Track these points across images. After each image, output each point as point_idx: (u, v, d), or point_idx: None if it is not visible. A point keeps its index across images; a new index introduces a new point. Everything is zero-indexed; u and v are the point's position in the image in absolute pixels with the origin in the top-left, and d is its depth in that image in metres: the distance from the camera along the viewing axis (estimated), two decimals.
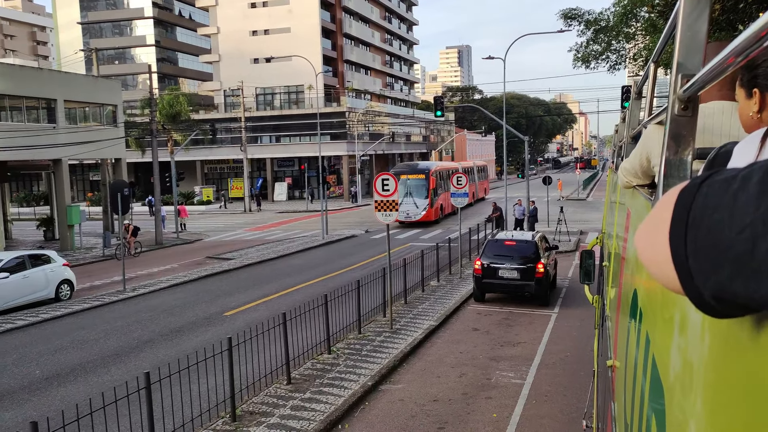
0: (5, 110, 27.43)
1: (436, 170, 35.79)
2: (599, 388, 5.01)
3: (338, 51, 69.66)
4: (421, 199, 33.40)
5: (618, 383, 2.48)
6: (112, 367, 11.23)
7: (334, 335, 12.35)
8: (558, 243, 26.66)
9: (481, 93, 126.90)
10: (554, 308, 15.94)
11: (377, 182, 13.17)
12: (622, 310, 2.50)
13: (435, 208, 34.51)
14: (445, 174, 37.23)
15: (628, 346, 2.02)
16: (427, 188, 33.66)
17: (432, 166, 36.31)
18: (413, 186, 33.24)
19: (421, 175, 34.35)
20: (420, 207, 33.15)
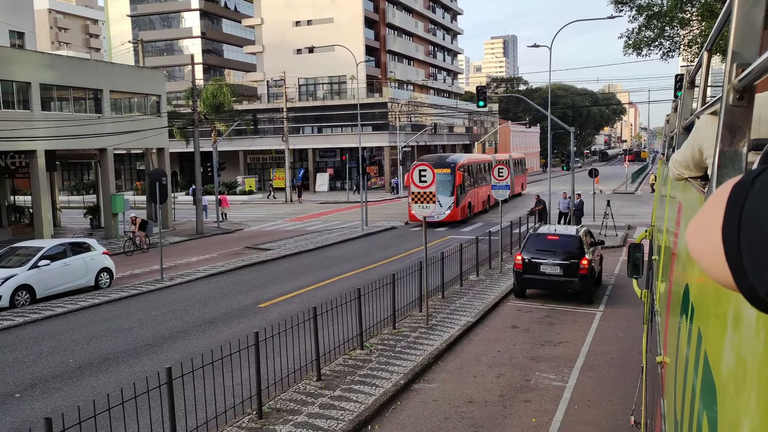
0: (53, 100, 27.93)
1: (464, 164, 32.15)
2: (648, 385, 5.02)
3: (381, 41, 69.21)
4: (445, 197, 29.61)
5: (668, 380, 2.47)
6: (143, 357, 11.14)
7: (368, 330, 12.01)
8: (604, 238, 25.80)
9: (526, 84, 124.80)
10: (599, 306, 15.26)
11: (414, 173, 12.74)
12: (673, 306, 2.51)
13: (462, 207, 31.15)
14: (475, 168, 34.71)
15: (679, 342, 2.01)
16: (453, 184, 30.13)
17: (459, 159, 32.41)
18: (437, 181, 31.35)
19: (445, 169, 30.28)
20: (444, 205, 29.41)
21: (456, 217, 30.48)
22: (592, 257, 15.57)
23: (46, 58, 27.81)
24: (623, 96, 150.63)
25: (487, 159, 39.16)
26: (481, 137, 79.36)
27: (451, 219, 29.97)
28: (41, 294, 15.54)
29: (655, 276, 4.94)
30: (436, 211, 27.28)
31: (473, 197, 33.46)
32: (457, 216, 30.52)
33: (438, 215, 28.88)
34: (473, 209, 33.58)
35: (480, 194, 34.95)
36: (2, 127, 23.91)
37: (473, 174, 33.75)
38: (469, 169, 33.26)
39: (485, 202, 36.13)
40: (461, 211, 30.88)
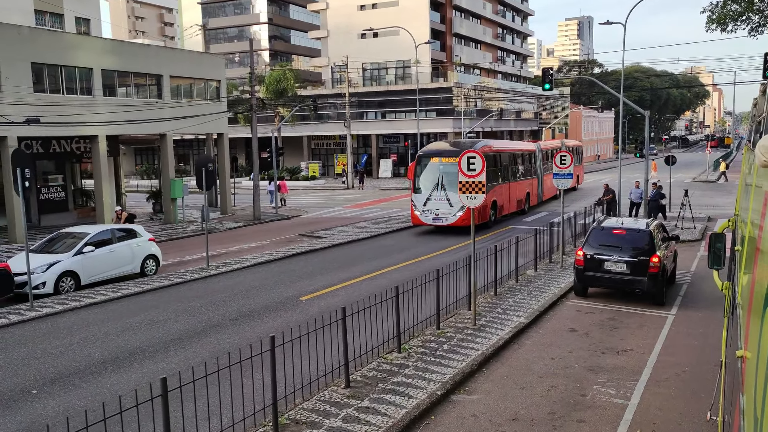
0: (114, 86, 28.18)
1: (488, 153, 25.07)
2: (727, 380, 4.85)
3: (447, 24, 67.51)
4: (455, 195, 22.80)
5: (748, 375, 2.43)
6: (171, 353, 10.61)
7: (408, 330, 11.08)
8: (680, 229, 23.90)
9: (601, 66, 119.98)
10: (671, 309, 13.77)
11: (462, 160, 11.64)
12: (756, 299, 2.49)
13: (482, 207, 23.88)
14: (506, 159, 28.34)
15: (762, 336, 2.01)
16: None
17: (480, 145, 26.17)
18: (448, 174, 23.47)
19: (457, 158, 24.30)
20: (456, 205, 23.24)
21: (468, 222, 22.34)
22: (664, 254, 14.07)
23: (107, 44, 28.05)
24: (706, 78, 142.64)
25: (525, 148, 32.56)
26: (551, 122, 76.58)
27: (464, 223, 23.00)
28: (86, 281, 15.41)
29: (738, 268, 4.75)
30: (444, 213, 23.63)
31: (502, 195, 26.95)
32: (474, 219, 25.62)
33: (447, 218, 23.56)
34: (501, 210, 27.01)
35: (512, 192, 28.54)
36: (65, 112, 24.22)
37: (502, 166, 27.41)
38: (496, 159, 26.72)
39: (522, 202, 29.90)
40: (481, 213, 24.27)
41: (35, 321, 12.49)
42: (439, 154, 24.72)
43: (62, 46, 25.40)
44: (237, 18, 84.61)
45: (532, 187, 31.86)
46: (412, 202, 24.64)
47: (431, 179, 24.15)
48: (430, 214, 23.96)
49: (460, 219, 23.48)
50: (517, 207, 29.32)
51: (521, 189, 29.88)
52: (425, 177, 24.29)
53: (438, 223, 24.02)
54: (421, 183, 24.38)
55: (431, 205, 23.90)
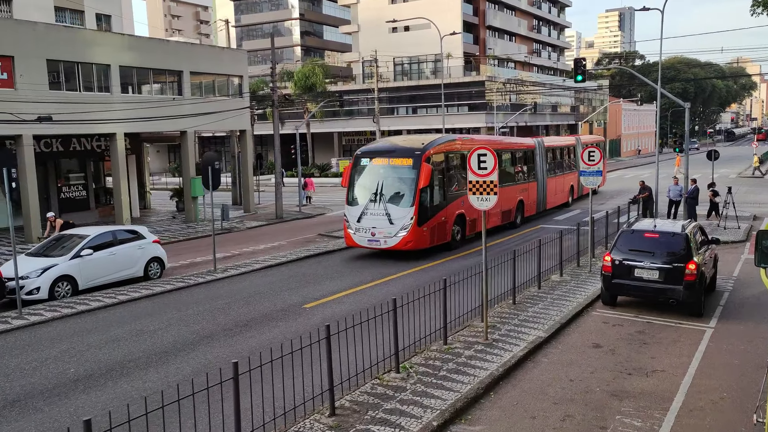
0: (132, 83, 27.74)
1: (442, 152, 19.46)
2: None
3: (480, 16, 65.86)
4: (400, 208, 17.99)
5: None
6: (151, 369, 9.78)
7: (411, 346, 10.05)
8: (723, 229, 22.29)
9: (642, 58, 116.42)
10: (710, 321, 12.40)
11: (472, 158, 10.53)
12: None
13: (433, 226, 18.53)
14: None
15: None
16: (414, 186, 17.97)
17: (438, 141, 19.55)
18: (391, 180, 18.50)
19: (405, 159, 18.44)
20: (398, 222, 17.87)
21: (420, 242, 18.15)
22: (702, 260, 12.71)
23: (125, 40, 27.60)
24: (753, 68, 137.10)
25: (517, 145, 26.53)
26: (588, 116, 74.30)
27: (408, 246, 17.96)
28: (84, 285, 14.77)
29: None
30: (382, 232, 18.05)
31: (470, 209, 19.49)
32: (421, 241, 18.17)
33: (385, 239, 18.02)
34: (470, 228, 20.67)
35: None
36: (82, 110, 23.81)
37: (461, 171, 20.30)
38: (452, 161, 20.23)
39: (510, 213, 23.83)
40: (431, 234, 18.48)
41: (18, 331, 11.85)
42: (382, 153, 19.09)
43: (79, 43, 25.00)
44: (268, 14, 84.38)
45: (527, 194, 25.47)
46: (344, 218, 19.10)
47: (369, 187, 18.62)
48: (364, 234, 18.26)
49: (403, 241, 17.76)
50: (503, 220, 23.30)
51: (509, 196, 23.59)
52: (362, 184, 18.88)
53: (374, 246, 18.33)
54: (356, 192, 18.93)
55: (366, 222, 18.21)
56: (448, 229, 19.51)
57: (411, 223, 17.83)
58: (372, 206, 18.33)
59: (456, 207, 19.90)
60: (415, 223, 17.83)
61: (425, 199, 18.19)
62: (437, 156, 19.10)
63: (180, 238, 24.93)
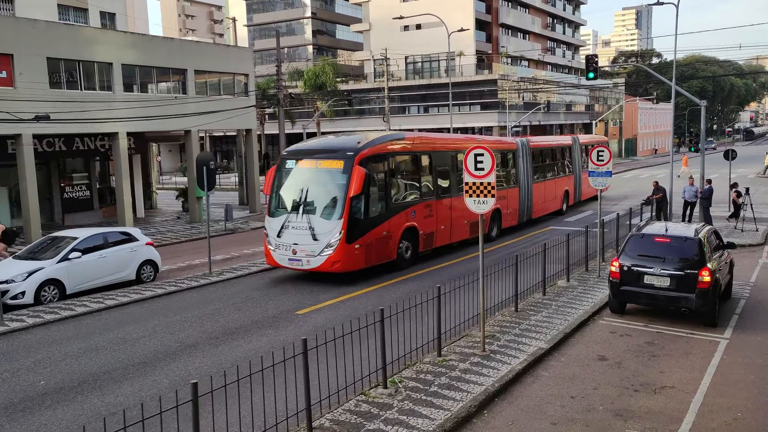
0: (135, 81, 27.38)
1: (389, 150, 16.43)
2: None
3: (493, 14, 65.03)
4: (325, 221, 15.01)
5: None
6: (126, 382, 9.25)
7: (401, 359, 9.43)
8: (741, 231, 21.45)
9: (659, 56, 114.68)
10: (724, 331, 11.67)
11: (468, 158, 9.90)
12: None
13: (370, 242, 15.45)
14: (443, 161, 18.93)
15: None
16: (344, 195, 14.93)
17: (381, 140, 16.45)
18: (315, 187, 15.58)
19: (335, 162, 15.43)
20: (322, 238, 14.87)
21: (350, 262, 15.03)
22: (716, 266, 11.98)
23: (128, 38, 27.23)
24: None
25: (493, 144, 22.44)
26: (603, 115, 73.15)
27: (338, 267, 14.92)
28: (72, 289, 14.32)
29: None
30: (305, 248, 14.96)
31: (424, 222, 17.44)
32: (352, 261, 15.05)
33: (308, 258, 14.96)
34: (423, 244, 17.63)
35: (443, 215, 18.46)
36: (83, 109, 23.47)
37: (412, 176, 17.64)
38: (400, 163, 17.21)
39: (466, 228, 19.59)
40: (366, 252, 15.32)
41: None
42: (310, 154, 16.16)
43: (80, 41, 24.65)
44: (280, 13, 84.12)
45: (505, 202, 22.05)
46: (264, 232, 16.11)
47: (292, 195, 15.70)
48: (285, 251, 15.23)
49: (329, 261, 14.69)
50: (472, 232, 19.65)
51: (458, 214, 19.19)
52: (285, 191, 15.97)
53: (295, 266, 15.30)
54: (278, 200, 15.98)
55: (287, 237, 15.20)
56: (392, 245, 16.16)
57: (338, 240, 14.65)
58: (294, 218, 15.26)
59: (404, 219, 16.62)
60: (343, 240, 14.66)
61: (358, 210, 14.94)
62: (378, 157, 15.81)
63: (182, 239, 24.52)
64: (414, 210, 17.12)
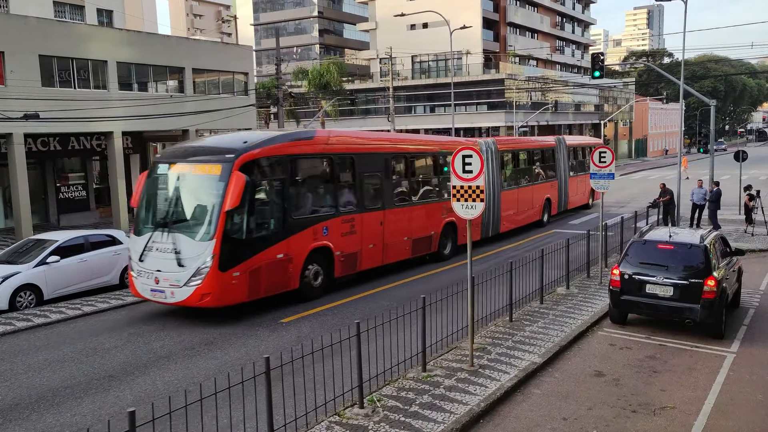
0: (131, 80, 26.91)
1: (285, 153, 13.20)
2: None
3: (501, 12, 64.27)
4: (193, 241, 11.90)
5: None
6: (87, 399, 8.67)
7: (381, 375, 8.81)
8: (751, 236, 20.69)
9: (671, 56, 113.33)
10: (731, 344, 10.97)
11: (455, 160, 9.27)
12: None
13: (258, 268, 12.35)
14: (366, 166, 15.45)
15: None
16: (220, 207, 11.77)
17: (276, 140, 13.19)
18: (186, 198, 12.75)
19: (211, 166, 12.40)
20: (189, 264, 11.80)
21: (226, 294, 11.94)
22: (723, 274, 11.29)
23: (123, 35, 26.79)
24: None
25: (435, 145, 19.22)
26: (612, 115, 72.17)
27: (208, 302, 11.82)
28: (50, 295, 13.80)
29: None
30: (170, 276, 11.89)
31: (341, 241, 14.41)
32: (228, 293, 11.96)
33: (173, 288, 11.90)
34: (341, 268, 14.58)
35: (372, 232, 15.48)
36: (77, 107, 23.01)
37: (325, 184, 14.62)
38: (303, 169, 13.94)
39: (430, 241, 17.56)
40: (252, 281, 12.27)
41: None
42: (186, 157, 13.01)
43: (73, 38, 24.22)
44: (287, 12, 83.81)
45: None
46: (129, 267, 13.07)
47: (159, 208, 12.78)
48: (147, 279, 12.17)
49: (197, 293, 11.62)
50: (414, 251, 17.02)
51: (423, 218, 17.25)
52: (153, 203, 12.93)
53: (159, 299, 12.20)
54: (144, 216, 12.86)
55: (150, 262, 12.19)
56: (293, 271, 13.11)
57: (209, 266, 11.52)
58: (159, 238, 12.17)
59: (311, 237, 13.52)
60: (215, 266, 11.53)
61: (237, 228, 11.87)
62: (272, 161, 12.75)
63: None
64: (326, 226, 13.98)
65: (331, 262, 14.24)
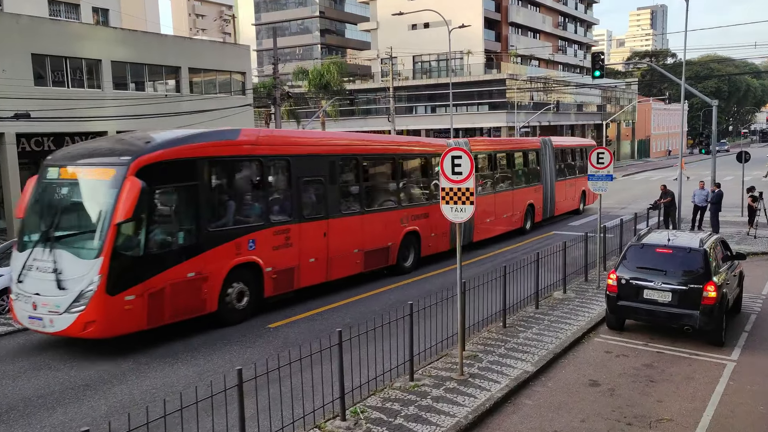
0: (126, 79, 26.62)
1: (196, 155, 11.32)
2: None
3: (503, 12, 63.91)
4: (77, 260, 10.07)
5: None
6: (58, 410, 8.35)
7: (368, 384, 8.48)
8: (753, 238, 20.31)
9: (674, 56, 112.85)
10: (732, 351, 10.61)
11: (444, 161, 8.93)
12: None
13: (161, 289, 10.61)
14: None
15: None
16: (110, 218, 10.00)
17: (181, 141, 11.34)
18: (72, 208, 11.01)
19: (102, 171, 10.55)
20: (72, 286, 9.97)
21: (117, 323, 10.17)
22: (723, 279, 10.93)
23: (118, 34, 26.53)
24: None
25: (382, 144, 17.45)
26: (615, 115, 71.72)
27: (93, 331, 10.00)
28: None
29: None
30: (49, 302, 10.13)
31: (271, 256, 12.66)
32: (119, 321, 10.18)
33: (52, 316, 10.11)
34: (273, 287, 12.81)
35: (314, 245, 13.71)
36: (70, 106, 22.74)
37: (253, 190, 12.92)
38: (218, 175, 12.23)
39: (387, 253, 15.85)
40: (152, 306, 10.56)
41: None
42: (77, 160, 11.16)
43: (67, 37, 23.94)
44: (288, 12, 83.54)
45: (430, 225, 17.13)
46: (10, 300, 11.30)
47: (43, 219, 10.90)
48: (25, 304, 10.47)
49: (80, 321, 9.88)
50: (367, 265, 15.28)
51: (366, 232, 15.16)
52: (38, 213, 11.08)
53: (37, 327, 10.46)
54: (28, 228, 11.05)
55: (29, 283, 10.51)
56: (209, 292, 11.37)
57: (93, 289, 9.81)
58: (40, 255, 10.42)
59: (233, 252, 11.75)
60: (102, 289, 9.83)
61: (131, 243, 10.23)
62: (179, 165, 10.98)
63: None
64: (253, 239, 12.20)
65: (258, 281, 12.40)
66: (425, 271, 16.79)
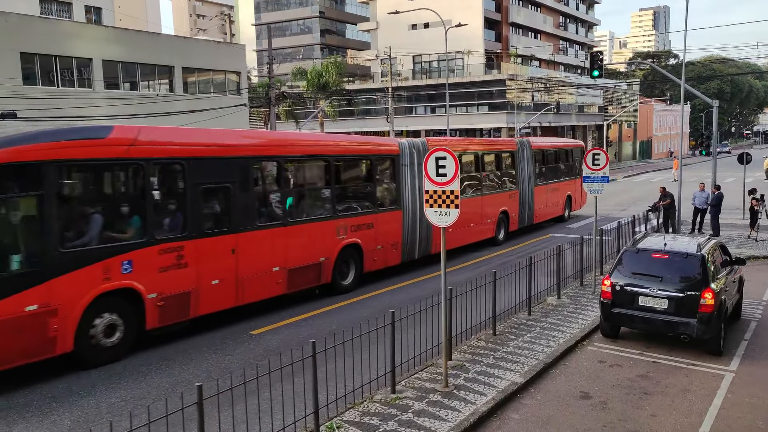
0: (117, 78, 26.29)
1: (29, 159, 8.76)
2: None
3: (503, 12, 63.54)
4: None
5: None
6: (33, 420, 7.97)
7: (346, 397, 8.06)
8: (755, 241, 19.88)
9: (676, 57, 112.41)
10: (730, 361, 10.18)
11: (428, 162, 8.52)
12: None
13: None
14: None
15: None
16: None
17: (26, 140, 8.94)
18: None
19: None
20: None
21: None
22: (722, 285, 10.51)
23: (110, 33, 26.20)
24: None
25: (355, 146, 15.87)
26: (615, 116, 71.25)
27: None
28: None
29: None
30: None
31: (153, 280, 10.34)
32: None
33: None
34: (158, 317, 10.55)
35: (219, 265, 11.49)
36: (59, 106, 22.41)
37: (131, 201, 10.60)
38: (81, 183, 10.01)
39: (319, 270, 13.67)
40: None
41: None
42: None
43: (57, 35, 23.63)
44: (288, 12, 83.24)
45: (377, 236, 15.23)
46: None
47: None
48: None
49: None
50: (304, 283, 13.47)
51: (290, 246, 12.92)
52: None
53: None
54: None
55: None
56: (62, 328, 9.17)
57: None
58: None
59: (95, 278, 9.58)
60: None
61: None
62: (13, 170, 8.71)
63: None
64: (130, 259, 10.00)
65: (140, 309, 10.25)
66: (371, 289, 14.80)
